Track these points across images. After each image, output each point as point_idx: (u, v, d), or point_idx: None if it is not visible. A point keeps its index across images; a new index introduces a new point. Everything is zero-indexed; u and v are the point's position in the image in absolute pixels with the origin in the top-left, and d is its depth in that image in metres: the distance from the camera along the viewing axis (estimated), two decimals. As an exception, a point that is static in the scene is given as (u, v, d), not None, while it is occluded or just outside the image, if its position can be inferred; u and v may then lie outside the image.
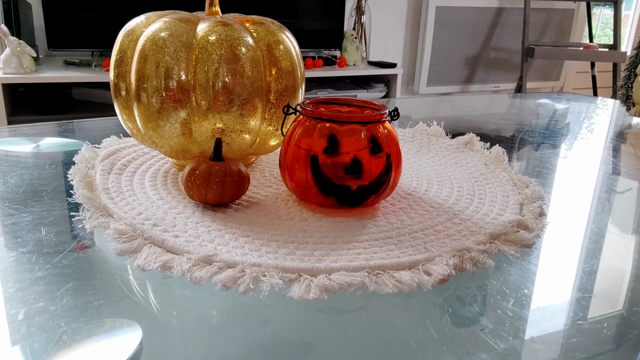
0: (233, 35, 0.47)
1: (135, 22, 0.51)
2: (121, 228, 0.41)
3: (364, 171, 0.44)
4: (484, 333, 0.32)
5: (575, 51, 2.76)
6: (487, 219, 0.46)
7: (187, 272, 0.36)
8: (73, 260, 0.38)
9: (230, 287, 0.34)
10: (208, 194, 0.44)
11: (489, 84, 3.02)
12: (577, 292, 0.38)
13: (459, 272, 0.38)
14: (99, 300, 0.33)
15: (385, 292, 0.35)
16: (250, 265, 0.37)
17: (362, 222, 0.45)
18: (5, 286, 0.35)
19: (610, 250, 0.45)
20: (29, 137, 0.70)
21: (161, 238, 0.40)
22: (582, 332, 0.33)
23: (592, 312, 0.36)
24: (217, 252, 0.38)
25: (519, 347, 0.32)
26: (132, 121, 0.50)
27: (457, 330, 0.33)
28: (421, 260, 0.38)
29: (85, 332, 0.30)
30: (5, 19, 1.71)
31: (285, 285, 0.35)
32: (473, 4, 2.76)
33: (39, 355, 0.28)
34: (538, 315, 0.34)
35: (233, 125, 0.48)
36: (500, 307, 0.35)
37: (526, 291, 0.38)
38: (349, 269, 0.37)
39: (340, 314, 0.34)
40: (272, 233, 0.42)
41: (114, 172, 0.54)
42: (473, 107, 1.17)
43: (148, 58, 0.47)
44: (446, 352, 0.31)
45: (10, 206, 0.47)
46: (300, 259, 0.38)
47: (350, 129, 0.44)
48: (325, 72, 2.10)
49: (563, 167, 0.70)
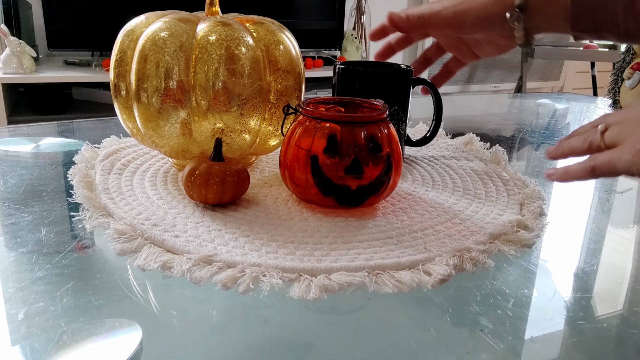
0: (233, 35, 0.47)
1: (135, 22, 0.51)
2: (121, 228, 0.41)
3: (364, 171, 0.44)
4: (484, 333, 0.32)
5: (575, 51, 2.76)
6: (487, 219, 0.46)
7: (187, 272, 0.36)
8: (73, 260, 0.38)
9: (230, 287, 0.34)
10: (208, 194, 0.44)
11: (489, 84, 3.02)
12: (577, 292, 0.38)
13: (459, 272, 0.38)
14: (99, 300, 0.33)
15: (385, 292, 0.35)
16: (250, 265, 0.37)
17: (362, 222, 0.45)
18: (5, 286, 0.35)
19: (610, 250, 0.45)
20: (29, 137, 0.70)
21: (161, 238, 0.40)
22: (582, 332, 0.33)
23: (592, 312, 0.36)
24: (217, 252, 0.38)
25: (519, 347, 0.32)
26: (132, 121, 0.50)
27: (457, 330, 0.33)
28: (421, 260, 0.38)
29: (85, 332, 0.30)
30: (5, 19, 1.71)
31: (285, 285, 0.35)
32: (473, 4, 2.75)
33: (39, 355, 0.28)
34: (538, 315, 0.34)
35: (233, 125, 0.48)
36: (500, 307, 0.35)
37: (526, 291, 0.38)
38: (349, 269, 0.37)
39: (340, 314, 0.34)
40: (272, 233, 0.42)
41: (114, 172, 0.54)
42: (473, 107, 1.17)
43: (148, 58, 0.47)
44: (446, 352, 0.31)
45: (10, 206, 0.47)
46: (300, 259, 0.38)
47: (350, 129, 0.44)
48: (325, 72, 2.10)
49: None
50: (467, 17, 0.51)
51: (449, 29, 0.53)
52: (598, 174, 0.38)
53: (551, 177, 0.43)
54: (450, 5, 0.52)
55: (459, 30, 0.53)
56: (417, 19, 0.54)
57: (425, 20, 0.53)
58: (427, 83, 0.62)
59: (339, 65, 0.59)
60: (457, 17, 0.52)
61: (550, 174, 0.43)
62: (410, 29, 0.55)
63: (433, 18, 0.53)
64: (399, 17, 0.54)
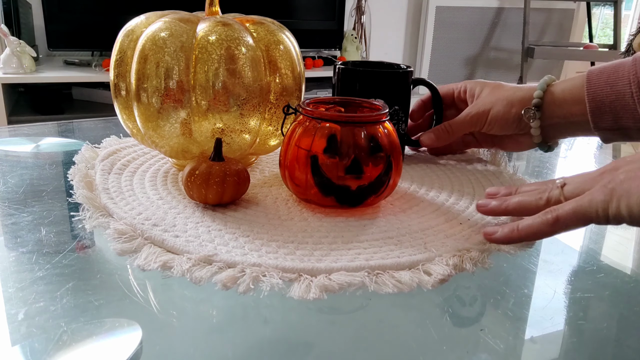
0: (233, 35, 0.47)
1: (135, 22, 0.51)
2: (121, 228, 0.41)
3: (364, 171, 0.44)
4: (484, 333, 0.32)
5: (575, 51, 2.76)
6: (487, 219, 0.46)
7: (187, 272, 0.36)
8: (73, 260, 0.38)
9: (230, 287, 0.34)
10: (208, 194, 0.44)
11: (489, 84, 3.01)
12: (577, 292, 0.38)
13: (459, 272, 0.38)
14: (99, 300, 0.33)
15: (385, 292, 0.35)
16: (250, 265, 0.37)
17: (362, 222, 0.45)
18: (5, 286, 0.35)
19: (610, 250, 0.45)
20: (29, 137, 0.70)
21: (161, 238, 0.40)
22: (582, 332, 0.33)
23: (592, 312, 0.36)
24: (217, 252, 0.38)
25: (519, 347, 0.32)
26: (132, 121, 0.50)
27: (457, 330, 0.33)
28: (421, 260, 0.38)
29: (85, 332, 0.30)
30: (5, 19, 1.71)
31: (285, 285, 0.35)
32: (473, 4, 2.76)
33: (39, 355, 0.28)
34: (538, 315, 0.34)
35: (233, 125, 0.48)
36: (500, 307, 0.35)
37: (526, 291, 0.38)
38: (349, 269, 0.37)
39: (340, 313, 0.34)
40: (272, 233, 0.42)
41: (114, 172, 0.54)
42: (473, 107, 1.16)
43: (148, 58, 0.47)
44: (446, 352, 0.31)
45: (10, 206, 0.47)
46: (300, 259, 0.38)
47: (350, 129, 0.44)
48: (325, 72, 2.10)
49: (563, 167, 0.70)
50: (487, 117, 0.55)
51: (472, 128, 0.57)
52: (562, 225, 0.36)
53: (493, 238, 0.40)
54: (477, 105, 0.56)
55: (480, 128, 0.56)
56: (446, 135, 0.58)
57: (453, 131, 0.58)
58: (426, 83, 0.62)
59: (339, 65, 0.59)
60: (480, 118, 0.55)
61: (490, 232, 0.41)
62: (442, 146, 0.60)
63: (459, 126, 0.57)
64: (430, 141, 0.59)
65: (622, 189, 0.34)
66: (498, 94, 0.55)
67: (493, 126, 0.55)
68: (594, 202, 0.35)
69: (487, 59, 2.92)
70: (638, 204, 0.33)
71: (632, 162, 0.36)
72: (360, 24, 2.34)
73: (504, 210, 0.42)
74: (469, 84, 0.59)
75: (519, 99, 0.53)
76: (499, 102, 0.54)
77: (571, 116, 0.50)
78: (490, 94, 0.56)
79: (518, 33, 2.76)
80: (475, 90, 0.58)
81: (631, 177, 0.34)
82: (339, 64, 0.59)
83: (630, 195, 0.34)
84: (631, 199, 0.34)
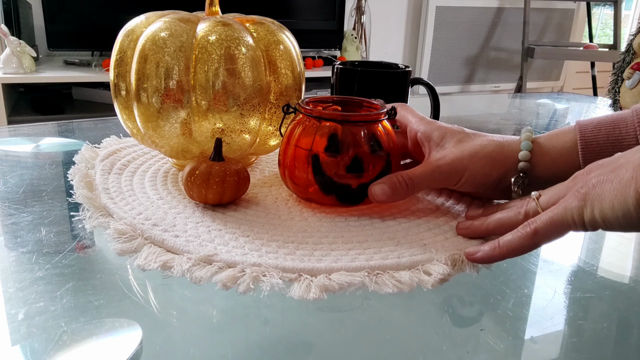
0: (233, 35, 0.47)
1: (135, 22, 0.51)
2: (121, 228, 0.41)
3: (365, 170, 0.44)
4: (484, 333, 0.32)
5: (575, 51, 2.76)
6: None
7: (187, 272, 0.36)
8: (73, 260, 0.38)
9: (230, 287, 0.34)
10: (208, 194, 0.44)
11: (489, 84, 3.02)
12: (577, 292, 0.38)
13: (459, 272, 0.38)
14: (99, 300, 0.33)
15: (385, 292, 0.35)
16: (250, 265, 0.37)
17: (362, 222, 0.45)
18: (5, 286, 0.35)
19: (610, 250, 0.45)
20: (29, 137, 0.70)
21: (161, 238, 0.40)
22: (582, 332, 0.33)
23: (592, 312, 0.36)
24: (217, 252, 0.38)
25: (519, 347, 0.32)
26: (132, 121, 0.50)
27: (457, 330, 0.33)
28: (421, 261, 0.38)
29: (85, 332, 0.30)
30: (5, 19, 1.71)
31: (285, 285, 0.35)
32: (473, 4, 2.76)
33: (39, 355, 0.28)
34: (538, 315, 0.34)
35: (233, 125, 0.48)
36: (500, 307, 0.35)
37: (526, 291, 0.38)
38: (349, 269, 0.37)
39: (340, 313, 0.34)
40: (272, 233, 0.42)
41: (114, 172, 0.54)
42: (473, 107, 1.17)
43: (148, 58, 0.47)
44: (446, 352, 0.31)
45: (10, 206, 0.47)
46: (300, 259, 0.38)
47: (350, 128, 0.44)
48: (325, 72, 2.10)
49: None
50: (462, 178, 0.45)
51: (439, 186, 0.47)
52: (541, 236, 0.36)
53: (475, 258, 0.38)
54: (446, 158, 0.45)
55: (449, 187, 0.47)
56: (404, 191, 0.45)
57: (414, 187, 0.45)
58: (425, 83, 0.62)
59: (337, 65, 0.59)
60: (451, 177, 0.45)
61: (471, 253, 0.38)
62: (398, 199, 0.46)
63: (422, 182, 0.45)
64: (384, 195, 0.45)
65: (595, 193, 0.33)
66: (471, 149, 0.45)
67: (467, 187, 0.46)
68: (568, 208, 0.34)
69: (487, 59, 2.92)
70: (611, 208, 0.32)
71: (603, 165, 0.35)
72: (360, 24, 2.34)
73: (485, 230, 0.41)
74: (422, 126, 0.48)
75: (501, 162, 0.45)
76: (477, 161, 0.44)
77: (560, 173, 0.44)
78: (460, 146, 0.45)
79: (518, 33, 2.76)
80: (433, 135, 0.46)
81: (603, 180, 0.33)
82: (337, 64, 0.59)
83: (603, 200, 0.33)
84: (604, 203, 0.33)
